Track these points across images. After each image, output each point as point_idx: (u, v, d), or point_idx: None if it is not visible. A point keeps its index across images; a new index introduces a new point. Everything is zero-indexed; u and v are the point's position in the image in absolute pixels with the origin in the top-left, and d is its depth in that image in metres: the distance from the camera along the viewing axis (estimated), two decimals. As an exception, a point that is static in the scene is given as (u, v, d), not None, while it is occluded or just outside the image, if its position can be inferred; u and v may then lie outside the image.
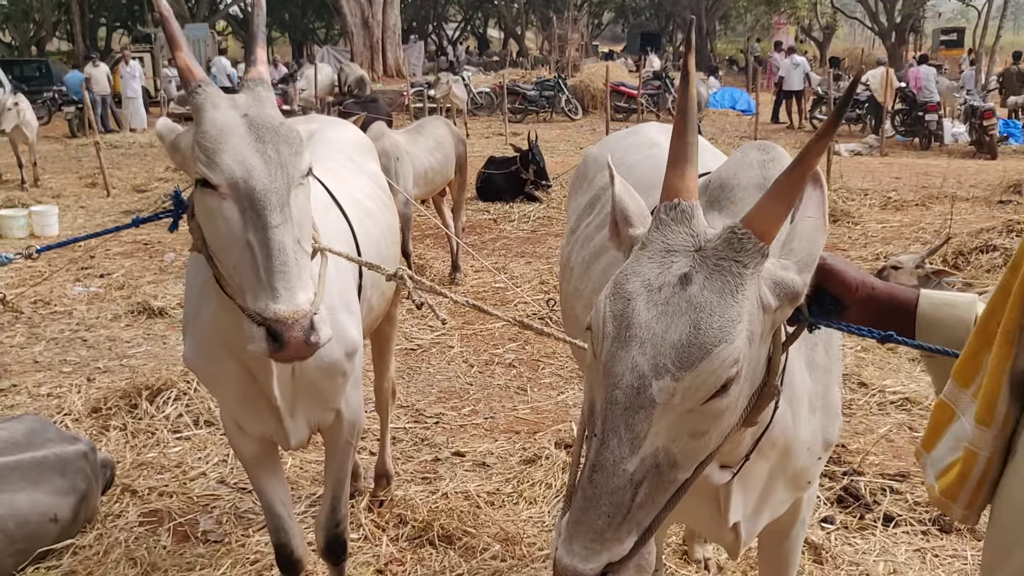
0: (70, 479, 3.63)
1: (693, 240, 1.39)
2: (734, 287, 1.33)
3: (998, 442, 1.29)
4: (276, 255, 2.00)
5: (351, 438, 2.96)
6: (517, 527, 3.86)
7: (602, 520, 1.35)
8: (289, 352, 2.02)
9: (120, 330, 6.89)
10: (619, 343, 1.35)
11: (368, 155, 3.71)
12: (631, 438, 1.33)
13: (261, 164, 2.05)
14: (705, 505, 1.93)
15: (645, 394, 1.31)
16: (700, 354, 1.30)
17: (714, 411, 1.37)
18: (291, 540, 2.96)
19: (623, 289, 1.38)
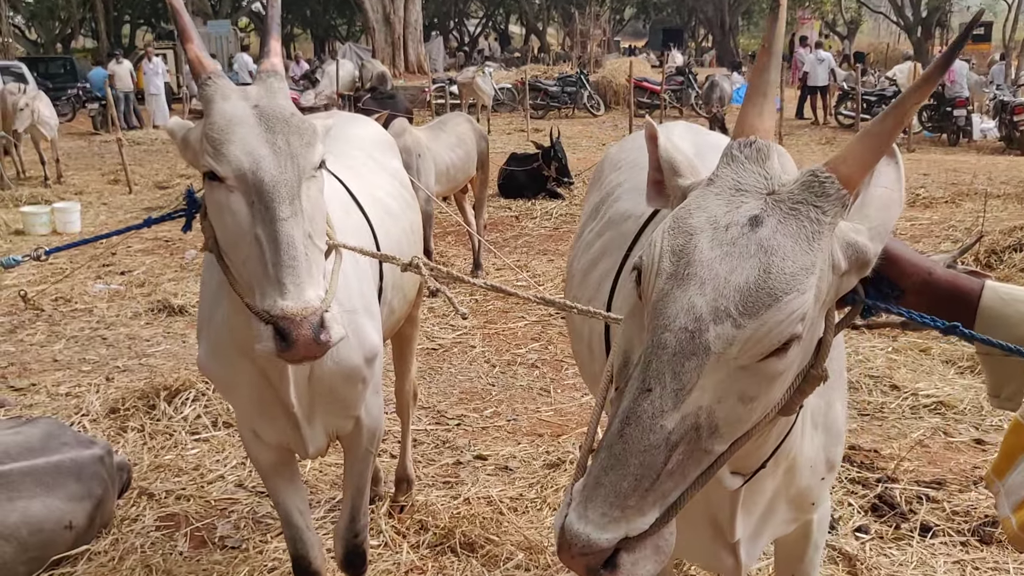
0: (86, 484, 3.56)
1: (766, 183, 1.26)
2: (810, 234, 1.20)
3: None
4: (285, 249, 1.90)
5: (371, 446, 2.86)
6: (541, 535, 3.75)
7: (628, 482, 1.19)
8: (298, 351, 1.91)
9: (140, 328, 6.85)
10: (675, 281, 1.21)
11: (390, 152, 3.62)
12: (676, 388, 1.18)
13: (270, 155, 1.96)
14: (705, 523, 1.80)
15: (700, 339, 1.17)
16: (768, 301, 1.16)
17: (769, 374, 1.23)
18: (309, 551, 2.86)
19: (685, 223, 1.25)
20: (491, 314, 7.12)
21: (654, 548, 1.23)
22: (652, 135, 1.53)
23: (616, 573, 1.21)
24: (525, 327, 6.77)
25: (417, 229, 3.48)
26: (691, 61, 30.46)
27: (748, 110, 1.35)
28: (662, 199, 1.50)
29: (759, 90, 1.37)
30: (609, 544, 1.19)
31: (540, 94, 23.30)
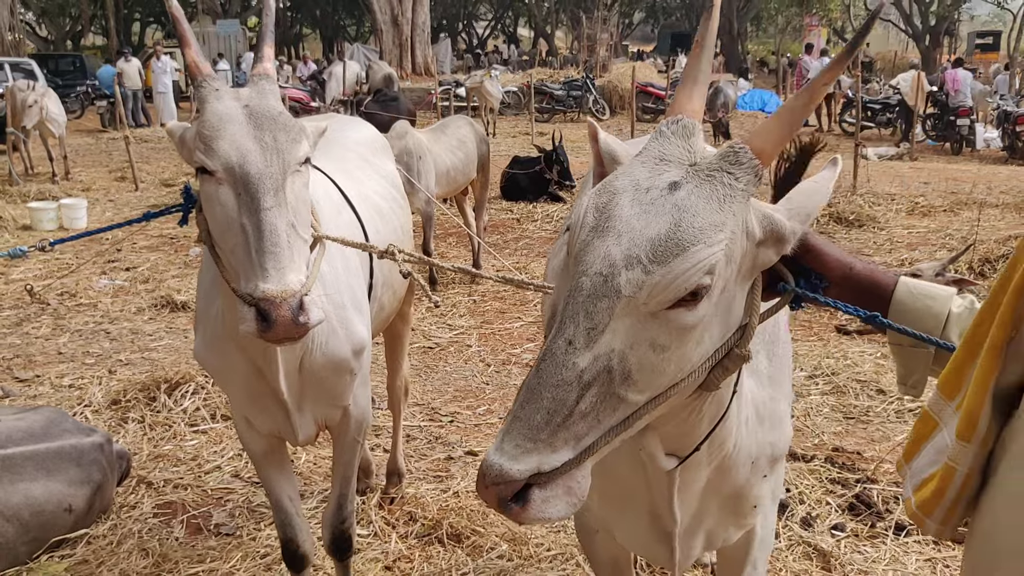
0: (86, 470, 3.69)
1: (689, 155, 1.37)
2: (722, 196, 1.31)
3: (978, 459, 1.27)
4: (267, 236, 2.04)
5: (358, 436, 2.98)
6: (527, 528, 3.87)
7: (540, 415, 1.27)
8: (277, 332, 2.04)
9: (143, 323, 6.98)
10: (596, 233, 1.32)
11: (384, 155, 3.74)
12: (588, 327, 1.27)
13: (257, 149, 2.11)
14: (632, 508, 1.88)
15: (612, 283, 1.27)
16: (676, 250, 1.26)
17: (678, 324, 1.31)
18: (297, 535, 2.99)
19: (611, 185, 1.37)
20: (488, 315, 7.24)
21: (566, 489, 1.29)
22: (593, 135, 1.63)
23: (527, 508, 1.27)
24: (521, 328, 6.88)
25: (407, 229, 3.60)
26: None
27: (680, 93, 1.47)
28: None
29: (690, 76, 1.48)
30: (520, 476, 1.25)
31: (546, 98, 23.42)
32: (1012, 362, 1.24)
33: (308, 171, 2.27)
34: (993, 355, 1.24)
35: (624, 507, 1.96)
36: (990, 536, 1.27)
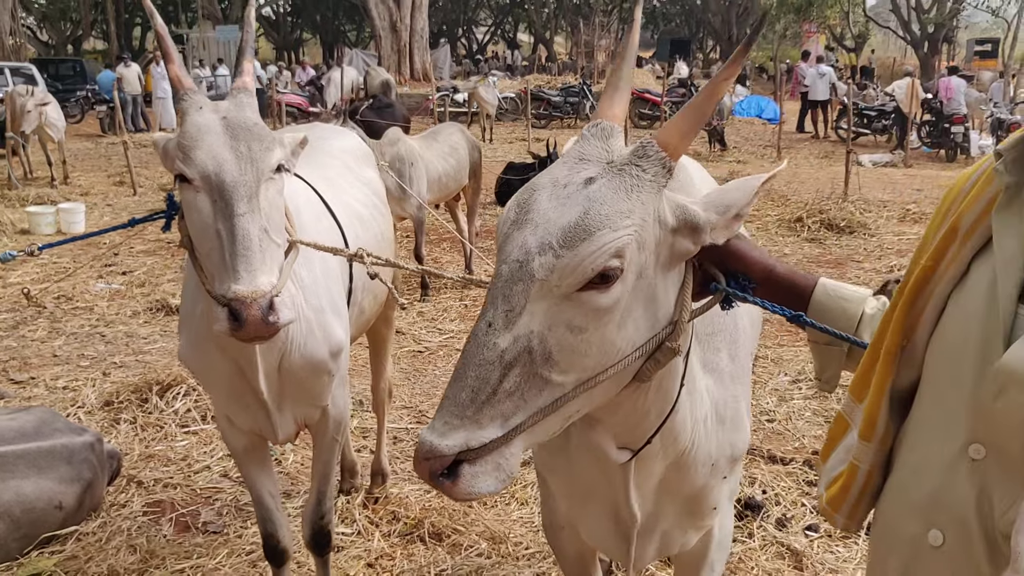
0: (76, 468, 3.79)
1: (607, 154, 1.46)
2: (629, 187, 1.40)
3: (878, 456, 1.38)
4: (240, 240, 2.16)
5: (337, 435, 3.08)
6: (506, 526, 3.97)
7: (465, 393, 1.34)
8: (248, 330, 2.15)
9: (138, 326, 7.08)
10: (516, 226, 1.41)
11: (366, 163, 3.85)
12: (507, 309, 1.36)
13: (232, 158, 2.23)
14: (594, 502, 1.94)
15: (527, 268, 1.35)
16: (584, 235, 1.34)
17: (593, 306, 1.38)
18: (278, 531, 3.09)
19: (534, 183, 1.47)
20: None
21: (495, 465, 1.35)
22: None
23: (457, 482, 1.34)
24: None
25: (388, 235, 3.70)
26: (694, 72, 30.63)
27: (603, 100, 1.57)
28: None
29: (612, 84, 1.59)
30: (449, 451, 1.32)
31: (543, 104, 23.52)
32: (906, 367, 1.35)
33: (282, 179, 2.38)
34: (888, 361, 1.35)
35: (587, 504, 2.02)
36: (886, 527, 1.38)
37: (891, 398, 1.36)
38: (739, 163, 17.10)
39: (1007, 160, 1.25)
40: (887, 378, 1.35)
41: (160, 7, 47.42)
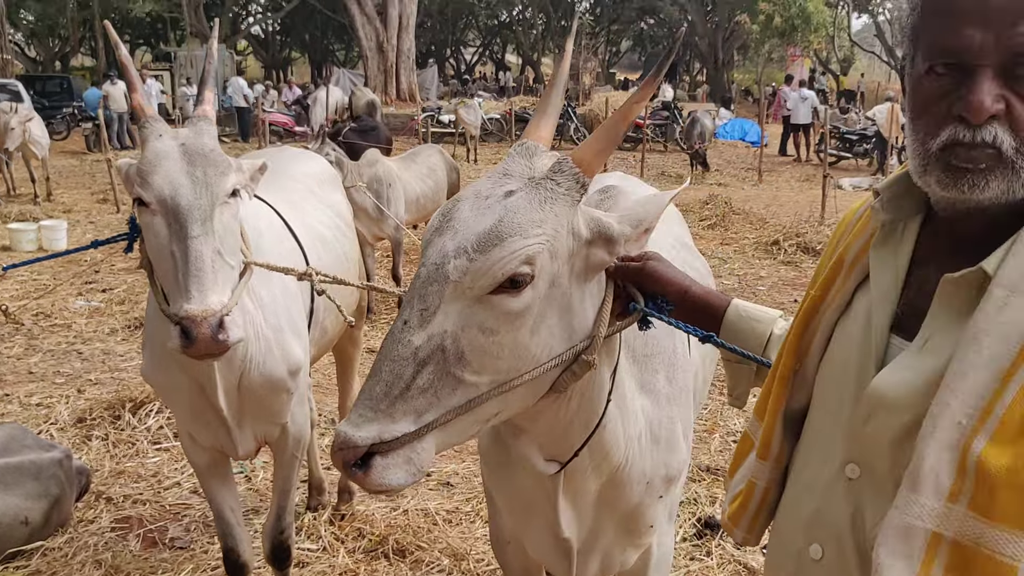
0: (44, 484, 3.85)
1: (529, 171, 1.55)
2: (543, 199, 1.48)
3: (774, 474, 1.46)
4: (193, 262, 2.26)
5: (296, 451, 3.16)
6: (468, 543, 4.04)
7: (380, 387, 1.39)
8: (198, 348, 2.24)
9: (115, 344, 7.12)
10: (438, 232, 1.50)
11: (331, 186, 3.94)
12: (422, 308, 1.42)
13: (188, 183, 2.33)
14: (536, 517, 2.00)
15: (442, 270, 1.43)
16: (496, 241, 1.42)
17: (504, 309, 1.44)
18: (238, 545, 3.16)
19: (459, 195, 1.56)
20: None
21: (405, 459, 1.40)
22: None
23: (369, 473, 1.39)
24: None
25: (352, 256, 3.78)
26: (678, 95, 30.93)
27: (531, 123, 1.67)
28: None
29: (541, 109, 1.69)
30: (362, 442, 1.37)
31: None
32: (798, 390, 1.43)
33: (237, 203, 2.48)
34: (782, 384, 1.44)
35: (528, 519, 2.09)
36: (778, 541, 1.47)
37: (785, 419, 1.44)
38: (720, 185, 17.27)
39: (884, 199, 1.33)
40: (781, 400, 1.44)
41: (149, 25, 47.68)
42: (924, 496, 1.14)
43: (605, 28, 56.21)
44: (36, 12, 41.06)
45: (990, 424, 1.11)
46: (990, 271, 1.15)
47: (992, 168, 1.16)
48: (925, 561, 1.14)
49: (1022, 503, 1.09)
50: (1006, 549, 1.10)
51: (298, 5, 45.66)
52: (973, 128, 1.15)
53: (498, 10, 54.27)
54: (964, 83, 1.16)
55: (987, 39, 1.13)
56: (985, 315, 1.14)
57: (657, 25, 56.67)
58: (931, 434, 1.14)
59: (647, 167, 19.53)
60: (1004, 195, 1.17)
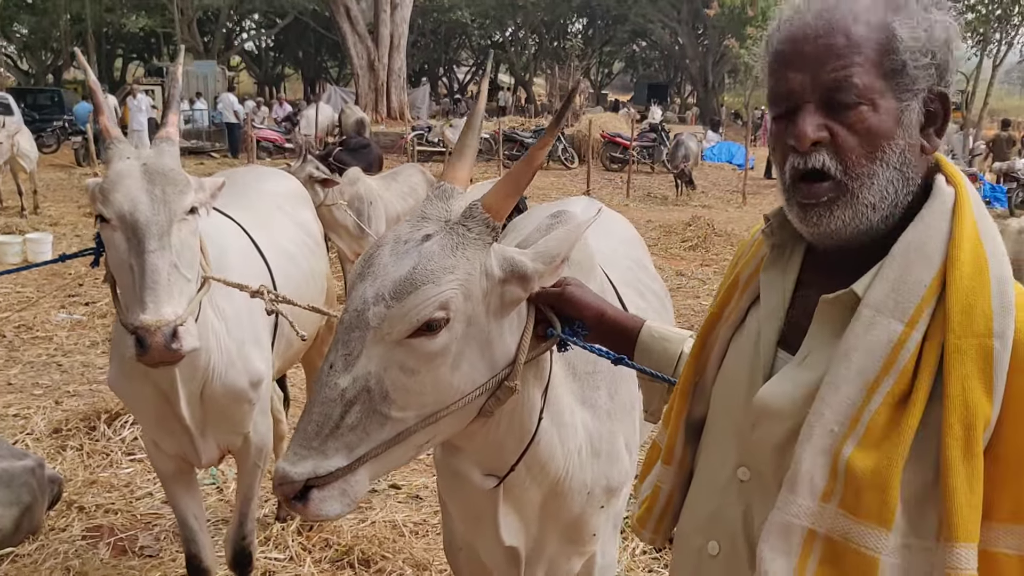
0: (15, 491, 3.93)
1: (446, 214, 1.64)
2: (455, 245, 1.57)
3: (678, 478, 1.58)
4: (149, 274, 2.38)
5: (258, 460, 3.26)
6: (432, 554, 4.13)
7: (312, 427, 1.49)
8: (152, 356, 2.35)
9: (96, 356, 7.19)
10: (360, 278, 1.58)
11: (300, 205, 4.06)
12: (346, 354, 1.52)
13: (146, 200, 2.45)
14: (484, 525, 2.08)
15: (363, 316, 1.51)
16: (411, 288, 1.50)
17: (423, 351, 1.53)
18: (200, 551, 3.26)
19: (380, 240, 1.64)
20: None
21: (341, 491, 1.50)
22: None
23: (307, 505, 1.50)
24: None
25: (319, 272, 3.90)
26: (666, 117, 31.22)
27: (448, 164, 1.75)
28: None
29: (458, 150, 1.76)
30: (299, 477, 1.47)
31: (516, 145, 23.88)
32: (698, 401, 1.56)
33: (196, 219, 2.61)
34: (683, 395, 1.56)
35: (477, 528, 2.18)
36: (681, 540, 1.58)
37: (687, 427, 1.56)
38: (704, 207, 17.45)
39: (773, 224, 1.46)
40: (683, 410, 1.56)
41: (142, 40, 47.87)
42: (801, 496, 1.27)
43: (598, 50, 56.64)
44: (30, 25, 41.27)
45: (858, 431, 1.23)
46: (860, 293, 1.28)
47: (834, 200, 1.30)
48: (802, 556, 1.27)
49: (881, 501, 1.21)
50: (869, 542, 1.22)
51: (292, 22, 46.04)
52: (803, 155, 1.30)
53: (491, 30, 54.69)
54: (793, 119, 1.32)
55: (805, 79, 1.30)
56: (855, 333, 1.26)
57: (649, 47, 57.15)
58: (807, 440, 1.26)
59: (634, 188, 19.74)
60: (854, 221, 1.31)
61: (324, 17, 41.38)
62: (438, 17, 49.20)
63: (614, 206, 16.97)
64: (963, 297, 1.23)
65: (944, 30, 1.31)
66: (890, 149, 1.29)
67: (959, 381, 1.20)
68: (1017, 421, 1.21)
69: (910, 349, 1.23)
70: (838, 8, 1.31)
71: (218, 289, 2.83)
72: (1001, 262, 1.28)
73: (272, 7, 45.08)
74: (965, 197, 1.30)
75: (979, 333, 1.21)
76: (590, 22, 55.46)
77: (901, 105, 1.30)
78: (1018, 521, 1.21)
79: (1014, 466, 1.21)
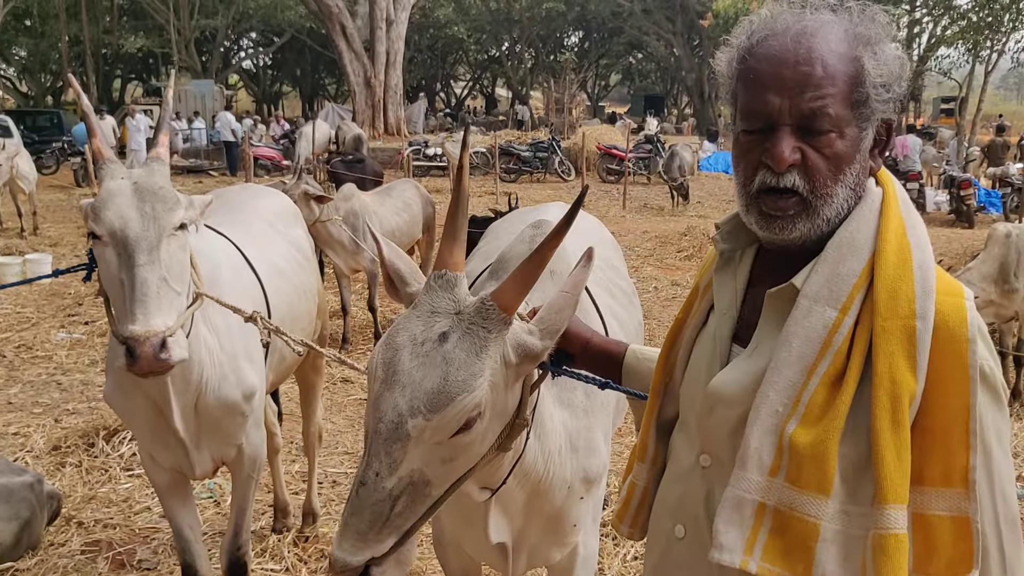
0: (14, 507, 4.00)
1: (454, 305, 1.65)
2: (479, 348, 1.61)
3: (651, 474, 1.69)
4: (138, 287, 2.46)
5: (252, 472, 3.33)
6: (424, 562, 4.19)
7: (365, 525, 1.56)
8: (141, 365, 2.43)
9: (95, 375, 7.26)
10: (386, 385, 1.61)
11: (292, 222, 4.15)
12: (390, 463, 1.58)
13: (136, 217, 2.54)
14: (472, 526, 2.24)
15: (402, 429, 1.57)
16: (446, 401, 1.54)
17: (460, 444, 1.61)
18: (196, 561, 3.32)
19: (394, 341, 1.65)
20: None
21: (396, 561, 1.61)
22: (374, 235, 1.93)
23: None
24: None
25: (310, 289, 3.97)
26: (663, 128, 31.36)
27: (443, 248, 1.73)
28: (397, 297, 1.85)
29: (449, 234, 1.73)
30: (360, 563, 1.57)
31: (512, 159, 24.00)
32: (669, 401, 1.67)
33: (185, 235, 2.70)
34: (654, 395, 1.68)
35: (467, 524, 2.34)
36: (653, 526, 1.69)
37: (658, 426, 1.68)
38: (700, 217, 17.54)
39: (723, 232, 1.59)
40: (654, 409, 1.67)
41: (141, 60, 48.16)
42: (750, 472, 1.39)
43: (594, 63, 56.88)
44: (28, 47, 41.53)
45: (799, 410, 1.36)
46: (798, 285, 1.42)
47: (798, 214, 1.42)
48: (754, 527, 1.39)
49: (820, 472, 1.34)
50: (810, 510, 1.35)
51: (289, 40, 46.29)
52: (777, 175, 1.41)
53: (487, 45, 54.95)
54: (770, 138, 1.41)
55: (784, 104, 1.39)
56: (794, 321, 1.40)
57: (645, 59, 57.39)
58: (755, 421, 1.39)
59: (630, 199, 19.83)
60: (810, 232, 1.44)
61: (321, 35, 41.64)
62: (434, 33, 49.47)
63: (611, 218, 17.18)
64: (889, 283, 1.35)
65: (900, 65, 1.43)
66: (849, 172, 1.42)
67: (886, 359, 1.32)
68: (940, 394, 1.32)
69: (843, 333, 1.36)
70: (816, 36, 1.41)
71: (211, 303, 2.91)
72: (923, 251, 1.39)
73: (269, 26, 45.40)
74: (892, 196, 1.44)
75: (903, 315, 1.33)
76: (586, 35, 55.72)
77: (861, 133, 1.42)
78: (948, 485, 1.33)
79: (940, 435, 1.33)
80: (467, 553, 2.58)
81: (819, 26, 1.42)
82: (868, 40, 1.41)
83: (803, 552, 1.35)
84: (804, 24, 1.42)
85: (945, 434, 1.32)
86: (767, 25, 1.45)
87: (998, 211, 18.68)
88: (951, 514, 1.32)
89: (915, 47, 35.20)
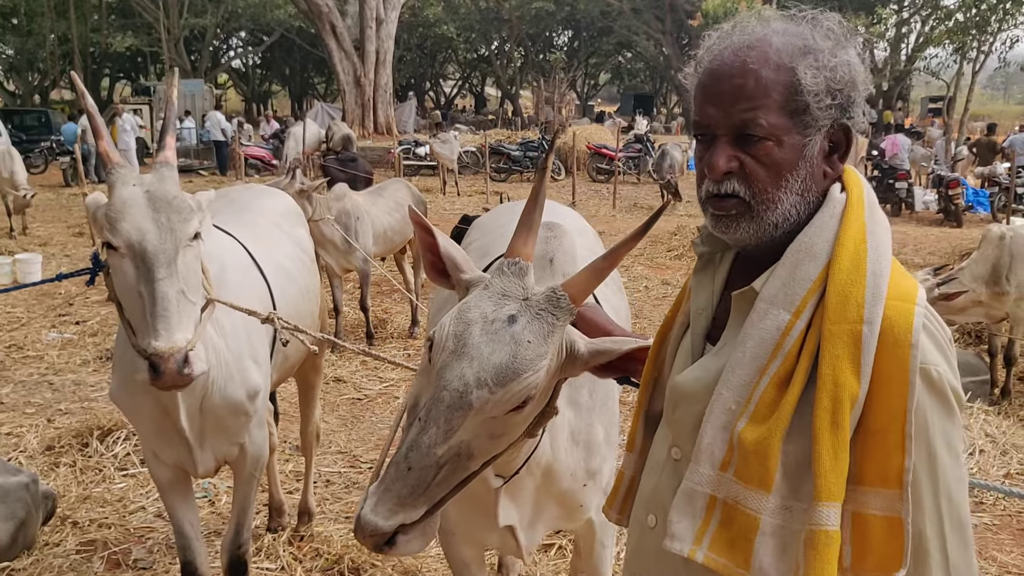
0: (10, 507, 4.00)
1: (523, 291, 1.73)
2: (547, 332, 1.68)
3: (638, 464, 1.76)
4: (159, 302, 2.48)
5: (254, 471, 3.35)
6: (419, 561, 4.21)
7: (407, 490, 1.62)
8: (165, 381, 2.47)
9: (87, 375, 7.26)
10: (454, 356, 1.66)
11: (295, 222, 4.17)
12: (447, 430, 1.63)
13: (154, 229, 2.54)
14: (481, 512, 2.33)
15: (466, 399, 1.62)
16: (513, 376, 1.61)
17: (510, 422, 1.69)
18: (195, 558, 3.33)
19: (466, 316, 1.72)
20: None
21: (422, 531, 1.66)
22: (422, 225, 1.95)
23: (394, 548, 1.64)
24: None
25: (313, 289, 4.00)
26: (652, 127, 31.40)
27: (517, 237, 1.81)
28: (443, 280, 1.93)
29: (524, 225, 1.82)
30: (390, 529, 1.63)
31: (503, 158, 24.02)
32: (658, 395, 1.72)
33: (199, 244, 2.71)
34: (643, 389, 1.74)
35: (476, 516, 2.43)
36: (633, 516, 1.75)
37: (646, 419, 1.74)
38: (690, 216, 17.58)
39: (703, 235, 1.66)
40: (643, 402, 1.74)
41: (129, 59, 47.95)
42: (703, 466, 1.47)
43: (583, 62, 56.93)
44: (15, 46, 41.31)
45: (750, 408, 1.43)
46: (758, 288, 1.48)
47: (741, 214, 1.49)
48: (705, 519, 1.47)
49: (762, 468, 1.40)
50: (752, 504, 1.42)
51: (278, 39, 46.20)
52: (716, 182, 1.49)
53: (477, 44, 54.94)
54: (710, 148, 1.50)
55: (719, 115, 1.48)
56: (751, 323, 1.46)
57: (634, 59, 57.44)
58: (710, 417, 1.47)
59: (620, 198, 19.89)
60: (757, 233, 1.51)
61: (310, 34, 41.59)
62: (424, 32, 49.38)
63: (601, 217, 17.23)
64: (840, 288, 1.40)
65: (848, 71, 1.48)
66: (793, 178, 1.48)
67: (831, 362, 1.38)
68: (882, 396, 1.37)
69: (794, 335, 1.42)
70: (752, 49, 1.47)
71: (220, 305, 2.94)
72: (880, 258, 1.44)
73: (258, 25, 45.27)
74: (856, 201, 1.48)
75: (851, 320, 1.38)
76: (575, 34, 55.76)
77: (804, 140, 1.47)
78: (885, 485, 1.38)
79: (879, 437, 1.37)
80: (472, 541, 2.68)
81: (758, 39, 1.48)
82: (808, 50, 1.46)
83: (744, 544, 1.41)
84: (746, 38, 1.49)
85: (884, 435, 1.37)
86: (721, 39, 1.53)
87: (986, 210, 18.77)
88: (884, 513, 1.37)
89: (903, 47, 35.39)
